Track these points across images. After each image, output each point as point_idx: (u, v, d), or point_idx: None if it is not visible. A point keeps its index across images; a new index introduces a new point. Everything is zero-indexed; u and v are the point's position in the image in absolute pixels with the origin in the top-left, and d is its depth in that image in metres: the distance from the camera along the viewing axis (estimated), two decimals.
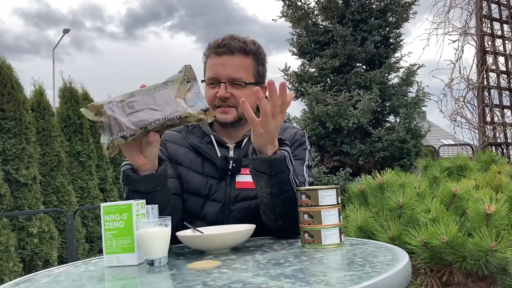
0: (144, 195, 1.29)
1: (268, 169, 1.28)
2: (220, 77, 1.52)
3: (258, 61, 1.58)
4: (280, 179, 1.31)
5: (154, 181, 1.29)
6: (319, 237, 1.22)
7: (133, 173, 1.28)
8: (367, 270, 0.92)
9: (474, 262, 2.04)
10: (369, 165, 3.70)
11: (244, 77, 1.53)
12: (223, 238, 1.25)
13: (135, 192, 1.30)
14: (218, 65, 1.52)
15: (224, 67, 1.52)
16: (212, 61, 1.55)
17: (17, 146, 6.20)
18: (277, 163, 1.28)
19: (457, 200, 2.41)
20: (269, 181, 1.30)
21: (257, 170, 1.31)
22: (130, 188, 1.31)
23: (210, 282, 0.90)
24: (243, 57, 1.54)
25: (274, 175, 1.29)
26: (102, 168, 7.99)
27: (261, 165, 1.29)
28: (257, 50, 1.57)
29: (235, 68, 1.52)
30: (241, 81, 1.53)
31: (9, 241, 5.82)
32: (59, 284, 1.01)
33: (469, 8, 6.43)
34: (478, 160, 3.44)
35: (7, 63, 6.42)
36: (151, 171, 1.28)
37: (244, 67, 1.54)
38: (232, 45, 1.52)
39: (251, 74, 1.56)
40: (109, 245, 1.19)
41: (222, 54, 1.52)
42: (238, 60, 1.53)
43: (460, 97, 6.08)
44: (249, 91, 1.54)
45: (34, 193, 6.41)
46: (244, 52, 1.54)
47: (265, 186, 1.32)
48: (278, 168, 1.29)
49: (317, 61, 4.20)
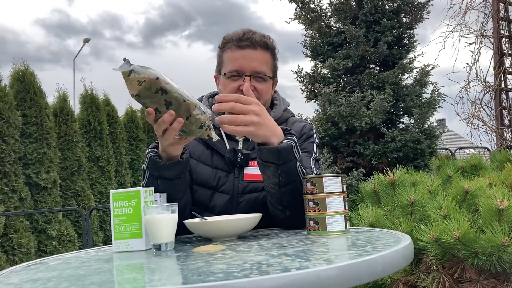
0: (168, 182, 1.35)
1: (275, 159, 1.30)
2: (244, 70, 1.53)
3: (274, 56, 1.62)
4: (287, 169, 1.32)
5: (179, 168, 1.35)
6: (324, 224, 1.23)
7: (159, 159, 1.33)
8: (367, 250, 0.93)
9: (486, 258, 2.03)
10: (383, 166, 3.68)
11: (267, 71, 1.57)
12: (230, 224, 1.28)
13: (159, 178, 1.35)
14: (241, 58, 1.54)
15: (248, 61, 1.53)
16: (233, 54, 1.56)
17: (38, 151, 6.34)
18: (284, 152, 1.30)
19: (469, 198, 2.40)
20: (277, 170, 1.32)
21: (264, 160, 1.33)
22: (155, 175, 1.36)
23: (212, 261, 0.92)
24: (264, 51, 1.57)
25: (281, 165, 1.31)
26: (120, 173, 8.09)
27: (268, 154, 1.30)
28: (274, 45, 1.61)
29: (259, 62, 1.54)
30: (265, 75, 1.56)
31: (29, 243, 5.94)
32: (68, 265, 1.04)
33: (486, 10, 6.38)
34: (494, 159, 3.41)
35: (30, 70, 6.58)
36: (176, 159, 1.34)
37: (266, 62, 1.57)
38: (255, 39, 1.54)
39: (270, 68, 1.60)
40: (117, 230, 1.22)
41: (245, 48, 1.54)
42: (260, 54, 1.56)
43: (477, 99, 6.04)
44: (269, 85, 1.60)
45: (54, 196, 6.53)
46: (265, 47, 1.57)
47: (273, 176, 1.34)
48: (285, 157, 1.30)
49: (329, 62, 4.22)
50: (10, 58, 19.47)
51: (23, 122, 6.29)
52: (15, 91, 6.39)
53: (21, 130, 6.27)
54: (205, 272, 0.80)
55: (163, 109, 1.19)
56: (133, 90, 1.14)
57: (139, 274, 0.89)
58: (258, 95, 1.53)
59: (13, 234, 5.79)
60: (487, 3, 6.18)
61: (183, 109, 1.19)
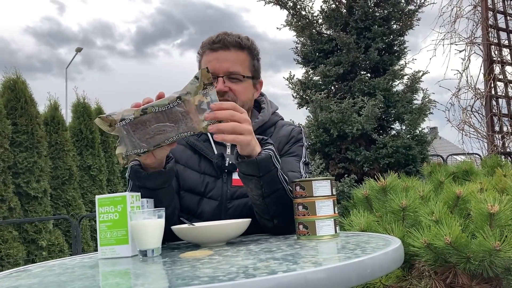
0: (151, 192, 1.32)
1: (255, 171, 1.29)
2: (217, 72, 1.52)
3: (253, 56, 1.59)
4: (269, 179, 1.31)
5: (162, 178, 1.32)
6: (313, 228, 1.21)
7: (141, 169, 1.30)
8: (357, 252, 0.92)
9: (478, 263, 2.02)
10: (374, 172, 3.68)
11: (241, 71, 1.54)
12: (218, 229, 1.25)
13: (141, 188, 1.32)
14: (214, 60, 1.52)
15: (221, 62, 1.52)
16: (207, 57, 1.55)
17: (28, 160, 6.28)
18: (264, 163, 1.28)
19: (461, 203, 2.39)
20: (259, 182, 1.31)
21: (245, 173, 1.31)
22: (137, 184, 1.33)
23: (198, 266, 0.90)
24: (239, 51, 1.55)
25: (262, 176, 1.29)
26: (112, 182, 8.04)
27: (248, 168, 1.29)
28: (251, 45, 1.58)
29: (231, 62, 1.53)
30: (238, 74, 1.53)
31: (19, 253, 5.86)
32: (51, 271, 1.02)
33: (475, 18, 6.43)
34: (485, 165, 3.41)
35: (22, 79, 6.54)
36: (159, 169, 1.31)
37: (240, 61, 1.55)
38: (227, 40, 1.53)
39: (247, 68, 1.57)
40: (103, 237, 1.19)
41: (218, 50, 1.53)
42: (234, 55, 1.54)
43: (468, 106, 6.07)
44: (247, 85, 1.56)
45: (44, 206, 6.47)
46: (239, 47, 1.55)
47: (255, 188, 1.32)
48: (265, 168, 1.29)
49: (321, 68, 4.22)
50: (0, 67, 19.27)
51: (13, 131, 6.23)
52: (6, 99, 6.35)
53: (11, 139, 6.21)
54: (190, 277, 0.78)
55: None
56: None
57: (123, 279, 0.87)
58: (234, 96, 1.51)
59: (1, 245, 5.71)
60: (476, 11, 6.24)
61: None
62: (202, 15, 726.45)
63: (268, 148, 1.32)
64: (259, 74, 1.63)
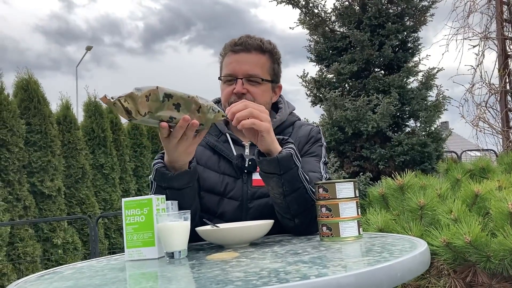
0: (177, 192, 1.34)
1: (276, 169, 1.30)
2: (236, 73, 1.54)
3: (273, 60, 1.60)
4: (290, 177, 1.32)
5: (187, 177, 1.34)
6: (337, 230, 1.22)
7: (166, 170, 1.33)
8: (384, 255, 0.92)
9: (498, 262, 2.01)
10: (390, 170, 3.67)
11: (261, 74, 1.56)
12: (242, 231, 1.27)
13: (167, 188, 1.34)
14: (234, 62, 1.55)
15: (241, 64, 1.54)
16: (228, 59, 1.57)
17: (42, 159, 6.35)
18: (284, 161, 1.30)
19: (479, 201, 2.38)
20: (280, 180, 1.32)
21: (266, 171, 1.33)
22: (163, 186, 1.35)
23: (228, 269, 0.91)
24: (259, 54, 1.56)
25: (283, 174, 1.31)
26: (125, 181, 8.08)
27: (269, 166, 1.31)
28: (273, 49, 1.60)
29: (251, 64, 1.54)
30: (257, 77, 1.55)
31: (35, 251, 5.93)
32: (82, 274, 1.03)
33: (489, 13, 6.37)
34: (501, 162, 3.39)
35: (34, 79, 6.60)
36: (184, 169, 1.33)
37: (260, 64, 1.56)
38: (248, 43, 1.55)
39: (266, 71, 1.58)
40: (130, 239, 1.21)
41: (239, 52, 1.55)
42: (255, 57, 1.56)
43: (482, 102, 6.02)
44: (265, 88, 1.57)
45: (59, 204, 6.53)
46: (260, 50, 1.56)
47: (276, 186, 1.34)
48: (286, 166, 1.30)
49: (335, 66, 4.21)
50: (11, 66, 19.41)
51: (27, 131, 6.30)
52: (19, 99, 6.41)
53: (25, 139, 6.28)
54: (223, 281, 0.79)
55: (175, 113, 1.18)
56: (144, 108, 1.13)
57: (156, 283, 0.88)
58: (252, 98, 1.52)
59: (19, 243, 5.79)
60: (490, 5, 6.17)
61: (192, 105, 1.19)
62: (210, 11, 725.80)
63: (289, 147, 1.33)
64: (279, 78, 1.65)
